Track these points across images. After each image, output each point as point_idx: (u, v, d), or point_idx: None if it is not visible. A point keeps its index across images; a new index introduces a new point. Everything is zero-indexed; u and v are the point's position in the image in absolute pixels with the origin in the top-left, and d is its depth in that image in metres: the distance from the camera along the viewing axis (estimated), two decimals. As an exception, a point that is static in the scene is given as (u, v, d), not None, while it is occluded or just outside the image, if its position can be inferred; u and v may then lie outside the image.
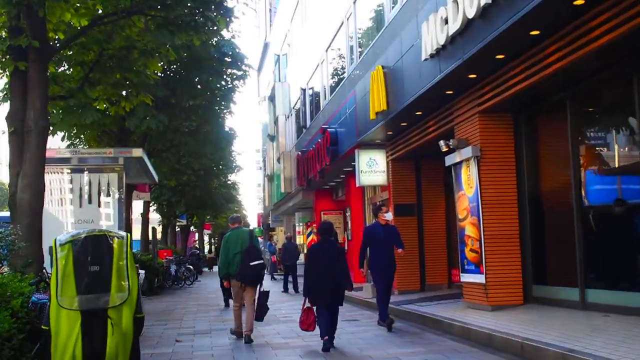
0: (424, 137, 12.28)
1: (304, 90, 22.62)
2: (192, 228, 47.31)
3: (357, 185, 15.05)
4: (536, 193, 10.00)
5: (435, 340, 8.52)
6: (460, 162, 10.32)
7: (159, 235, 36.76)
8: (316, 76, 20.98)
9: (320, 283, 7.90)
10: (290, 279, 20.15)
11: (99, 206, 11.56)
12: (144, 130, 19.15)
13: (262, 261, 9.11)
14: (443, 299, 12.24)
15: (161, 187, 31.23)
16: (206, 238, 60.99)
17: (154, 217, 38.34)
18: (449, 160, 10.68)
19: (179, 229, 41.47)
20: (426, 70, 10.12)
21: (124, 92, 11.54)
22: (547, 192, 10.01)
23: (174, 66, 18.58)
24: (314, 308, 7.97)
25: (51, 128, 18.88)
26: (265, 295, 9.17)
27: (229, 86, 20.32)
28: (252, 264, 8.90)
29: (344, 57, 17.28)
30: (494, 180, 9.83)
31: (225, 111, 22.07)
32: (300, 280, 22.24)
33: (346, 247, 20.96)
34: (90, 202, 11.53)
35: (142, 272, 8.76)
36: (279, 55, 29.85)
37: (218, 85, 19.86)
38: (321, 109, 19.85)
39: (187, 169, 27.50)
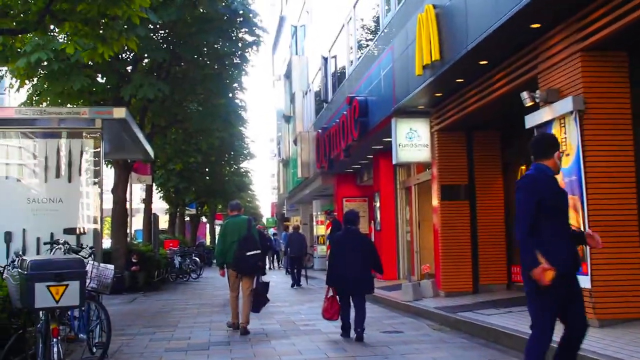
0: (487, 97, 9.53)
1: (325, 59, 19.89)
2: (202, 218, 44.73)
3: (394, 162, 12.33)
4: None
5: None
6: (550, 122, 7.57)
7: (165, 224, 34.36)
8: (340, 40, 18.24)
9: (344, 274, 7.65)
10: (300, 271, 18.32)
11: (70, 181, 8.93)
12: (142, 102, 16.64)
13: (258, 251, 8.82)
14: (510, 305, 9.51)
15: (168, 171, 28.79)
16: (217, 229, 58.50)
17: (162, 206, 35.91)
18: (532, 120, 7.92)
19: (188, 219, 38.93)
20: (505, -6, 7.37)
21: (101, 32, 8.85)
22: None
23: (177, 27, 15.91)
24: (337, 298, 7.65)
25: (36, 98, 16.56)
26: (264, 286, 9.06)
27: (240, 53, 17.67)
28: (248, 254, 8.61)
29: (376, 9, 14.50)
30: (604, 144, 7.07)
31: (235, 83, 19.44)
32: (309, 273, 20.09)
33: (372, 238, 18.29)
34: (58, 175, 8.91)
35: (110, 267, 6.19)
36: (296, 27, 27.10)
37: (227, 51, 17.22)
38: (346, 77, 17.12)
39: (195, 151, 24.95)
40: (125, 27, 10.00)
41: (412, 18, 10.69)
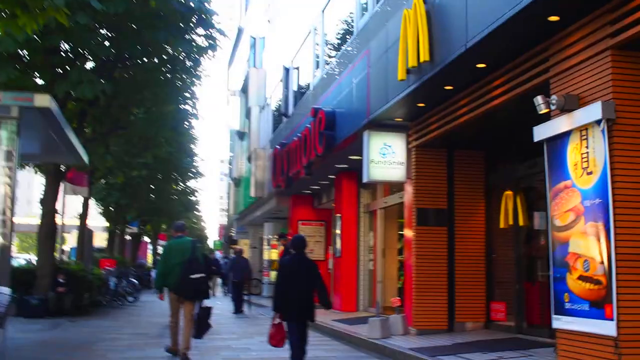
0: (480, 108, 8.28)
1: (287, 69, 18.50)
2: (144, 238, 42.34)
3: (365, 180, 10.94)
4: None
5: None
6: (567, 133, 6.33)
7: (104, 243, 32.06)
8: (305, 49, 16.90)
9: (291, 299, 7.20)
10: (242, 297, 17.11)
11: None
12: (79, 103, 14.86)
13: (203, 274, 8.40)
14: (496, 349, 8.17)
15: (108, 185, 26.71)
16: (160, 250, 55.67)
17: (102, 223, 33.53)
18: (544, 131, 6.66)
19: (129, 238, 36.59)
20: (519, -21, 6.14)
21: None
22: None
23: (124, 22, 14.23)
24: (284, 324, 7.19)
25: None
26: (206, 311, 8.61)
27: (193, 57, 16.07)
28: (192, 277, 8.23)
29: (348, 12, 13.21)
30: (637, 160, 5.86)
31: (187, 92, 17.80)
32: (257, 300, 18.57)
33: (331, 265, 16.85)
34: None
35: (6, 290, 4.56)
36: (255, 38, 25.68)
37: (178, 55, 15.62)
38: (311, 88, 15.75)
39: (139, 164, 23.05)
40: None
41: (395, 16, 9.42)
